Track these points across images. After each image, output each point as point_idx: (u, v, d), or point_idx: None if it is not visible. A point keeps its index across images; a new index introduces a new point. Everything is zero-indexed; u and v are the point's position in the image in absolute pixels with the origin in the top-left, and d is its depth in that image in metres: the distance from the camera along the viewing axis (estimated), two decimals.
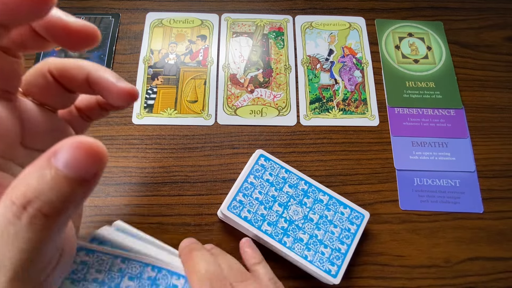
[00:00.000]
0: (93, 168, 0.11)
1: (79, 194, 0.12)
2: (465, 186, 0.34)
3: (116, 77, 0.17)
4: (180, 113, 0.36)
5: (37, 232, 0.11)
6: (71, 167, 0.11)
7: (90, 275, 0.23)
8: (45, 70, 0.17)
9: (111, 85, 0.17)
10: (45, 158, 0.11)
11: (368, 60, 0.40)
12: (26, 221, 0.11)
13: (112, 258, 0.23)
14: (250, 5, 0.42)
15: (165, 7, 0.41)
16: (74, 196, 0.11)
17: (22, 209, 0.11)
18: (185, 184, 0.33)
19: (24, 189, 0.11)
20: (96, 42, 0.15)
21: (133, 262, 0.23)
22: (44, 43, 0.15)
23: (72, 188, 0.11)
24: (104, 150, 0.11)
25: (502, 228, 0.33)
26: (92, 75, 0.17)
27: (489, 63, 0.40)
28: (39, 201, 0.11)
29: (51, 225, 0.12)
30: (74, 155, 0.11)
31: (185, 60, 0.39)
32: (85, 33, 0.14)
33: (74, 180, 0.11)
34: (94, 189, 0.12)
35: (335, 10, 0.42)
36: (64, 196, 0.11)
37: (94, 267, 0.23)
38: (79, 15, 0.40)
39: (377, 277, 0.31)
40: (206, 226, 0.32)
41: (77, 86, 0.17)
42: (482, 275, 0.31)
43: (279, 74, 0.39)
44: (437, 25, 0.42)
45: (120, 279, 0.23)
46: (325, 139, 0.36)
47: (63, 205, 0.11)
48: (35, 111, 0.17)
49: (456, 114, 0.38)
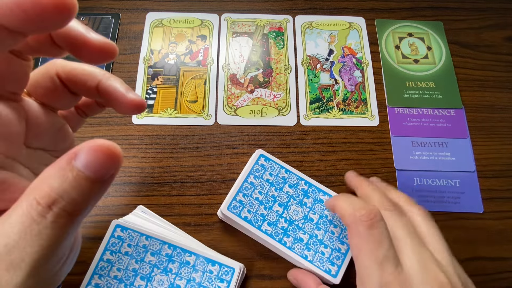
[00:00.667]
0: (111, 169, 0.12)
1: (98, 193, 0.13)
2: (465, 186, 0.34)
3: (126, 87, 0.18)
4: (180, 113, 0.36)
5: (59, 229, 0.12)
6: (92, 169, 0.12)
7: (123, 248, 0.27)
8: (53, 72, 0.17)
9: (121, 96, 0.17)
10: (65, 160, 0.12)
11: (368, 60, 0.40)
12: (51, 220, 0.12)
13: (139, 235, 0.27)
14: (250, 5, 0.42)
15: (165, 7, 0.41)
16: (94, 194, 0.12)
17: (47, 208, 0.12)
18: (185, 184, 0.33)
19: (48, 190, 0.12)
20: (114, 58, 0.15)
21: (154, 240, 0.27)
22: (59, 51, 0.15)
23: (92, 188, 0.12)
24: (120, 152, 0.12)
25: (502, 228, 0.33)
26: (103, 84, 0.17)
27: (489, 63, 0.40)
28: (63, 200, 0.12)
29: (72, 222, 0.12)
30: (94, 157, 0.12)
31: (185, 60, 0.39)
32: (105, 50, 0.15)
33: (94, 180, 0.12)
34: (109, 187, 0.13)
35: (335, 10, 0.42)
36: (86, 195, 0.12)
37: (126, 241, 0.27)
38: (79, 15, 0.40)
39: None
40: (206, 226, 0.32)
41: (85, 91, 0.18)
42: (482, 275, 0.31)
43: (279, 74, 0.39)
44: (437, 25, 0.42)
45: (144, 254, 0.27)
46: (325, 139, 0.36)
47: (84, 203, 0.12)
48: (38, 111, 0.17)
49: (456, 114, 0.38)
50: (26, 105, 0.16)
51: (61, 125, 0.19)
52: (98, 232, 0.30)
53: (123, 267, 0.27)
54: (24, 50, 0.14)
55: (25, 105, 0.16)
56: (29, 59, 0.15)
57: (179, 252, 0.27)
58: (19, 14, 0.11)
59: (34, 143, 0.17)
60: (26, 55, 0.15)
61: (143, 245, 0.27)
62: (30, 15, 0.11)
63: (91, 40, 0.14)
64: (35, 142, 0.17)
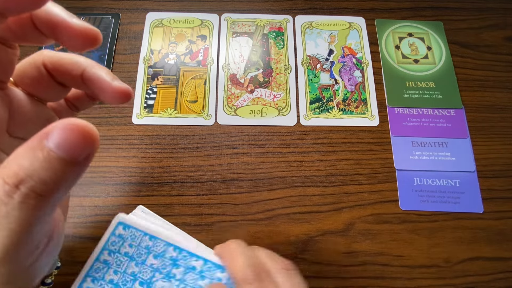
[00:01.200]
0: (85, 150, 0.11)
1: (71, 175, 0.12)
2: (465, 186, 0.34)
3: (111, 75, 0.17)
4: (180, 113, 0.36)
5: (28, 211, 0.11)
6: (64, 149, 0.11)
7: (124, 248, 0.24)
8: (39, 62, 0.16)
9: (106, 84, 0.17)
10: (37, 139, 0.11)
11: (368, 60, 0.40)
12: (18, 200, 0.11)
13: (142, 235, 0.24)
14: (250, 5, 0.42)
15: (165, 7, 0.41)
16: (66, 176, 0.12)
17: (14, 188, 0.11)
18: (185, 184, 0.33)
19: (17, 169, 0.11)
20: (97, 45, 0.15)
21: (159, 241, 0.24)
22: (44, 38, 0.15)
23: (65, 169, 0.11)
24: (95, 132, 0.12)
25: (502, 228, 0.33)
26: (87, 72, 0.17)
27: (489, 63, 0.40)
28: (32, 180, 0.11)
29: (43, 205, 0.12)
30: (66, 137, 0.11)
31: (185, 60, 0.39)
32: (87, 36, 0.14)
33: (66, 161, 0.11)
34: (85, 170, 0.12)
35: (335, 10, 0.42)
36: (57, 176, 0.11)
37: (128, 241, 0.24)
38: (79, 15, 0.40)
39: (377, 277, 0.31)
40: (206, 226, 0.32)
41: (70, 81, 0.17)
42: (482, 275, 0.31)
43: (279, 74, 0.39)
44: (437, 25, 0.42)
45: (146, 256, 0.24)
46: (325, 139, 0.36)
47: (55, 185, 0.12)
48: (24, 101, 0.17)
49: (456, 114, 0.38)
50: (11, 94, 0.16)
51: (49, 117, 0.18)
52: (98, 232, 0.30)
53: (121, 270, 0.23)
54: (8, 37, 0.14)
55: (10, 94, 0.16)
56: (15, 47, 0.15)
57: (185, 255, 0.24)
58: None
59: (17, 132, 0.17)
60: (11, 43, 0.14)
61: (146, 246, 0.24)
62: None
63: (72, 25, 0.14)
64: (18, 131, 0.17)
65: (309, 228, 0.32)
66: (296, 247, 0.31)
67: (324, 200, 0.33)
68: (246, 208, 0.33)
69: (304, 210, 0.33)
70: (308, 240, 0.32)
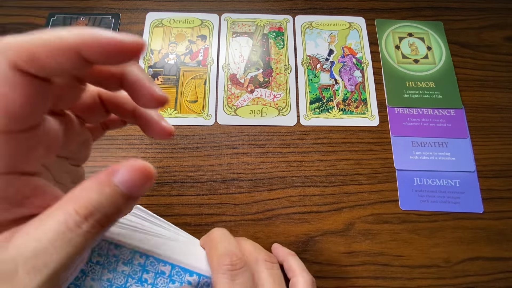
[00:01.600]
0: (144, 188, 0.13)
1: (127, 208, 0.14)
2: (465, 186, 0.34)
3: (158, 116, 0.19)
4: (180, 113, 0.36)
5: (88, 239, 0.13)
6: (128, 186, 0.13)
7: (94, 258, 0.25)
8: (95, 92, 0.18)
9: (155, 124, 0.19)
10: (105, 175, 0.13)
11: (368, 60, 0.40)
12: (85, 230, 0.13)
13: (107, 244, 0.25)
14: (250, 5, 0.42)
15: (165, 7, 0.41)
16: (124, 209, 0.13)
17: (84, 219, 0.12)
18: (185, 184, 0.33)
19: (86, 202, 0.13)
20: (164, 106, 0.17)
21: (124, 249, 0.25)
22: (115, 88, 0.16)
23: (125, 203, 0.13)
24: (154, 171, 0.13)
25: (502, 228, 0.33)
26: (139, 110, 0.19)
27: (489, 63, 0.40)
28: (99, 213, 0.13)
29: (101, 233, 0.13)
30: (132, 176, 0.13)
31: (185, 60, 0.39)
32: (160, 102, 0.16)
33: (127, 197, 0.13)
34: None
35: (335, 10, 0.42)
36: (118, 210, 0.13)
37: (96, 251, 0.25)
38: (79, 15, 0.40)
39: (377, 277, 0.31)
40: (206, 226, 0.32)
41: (120, 113, 0.19)
42: (482, 275, 0.31)
43: (279, 74, 0.39)
44: (437, 25, 0.42)
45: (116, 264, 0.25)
46: (325, 139, 0.36)
47: (114, 217, 0.13)
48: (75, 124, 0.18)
49: (456, 114, 0.38)
50: (67, 118, 0.17)
51: (87, 137, 0.19)
52: None
53: (98, 277, 0.25)
54: (85, 78, 0.15)
55: (66, 118, 0.17)
56: (85, 84, 0.16)
57: (152, 261, 0.25)
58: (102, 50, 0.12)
59: (61, 152, 0.17)
60: (84, 81, 0.16)
61: (113, 255, 0.25)
62: (111, 52, 0.12)
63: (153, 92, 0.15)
64: (62, 151, 0.18)
65: (309, 228, 0.32)
66: (296, 247, 0.31)
67: (324, 200, 0.33)
68: (246, 208, 0.33)
69: (304, 210, 0.33)
70: (308, 240, 0.32)
